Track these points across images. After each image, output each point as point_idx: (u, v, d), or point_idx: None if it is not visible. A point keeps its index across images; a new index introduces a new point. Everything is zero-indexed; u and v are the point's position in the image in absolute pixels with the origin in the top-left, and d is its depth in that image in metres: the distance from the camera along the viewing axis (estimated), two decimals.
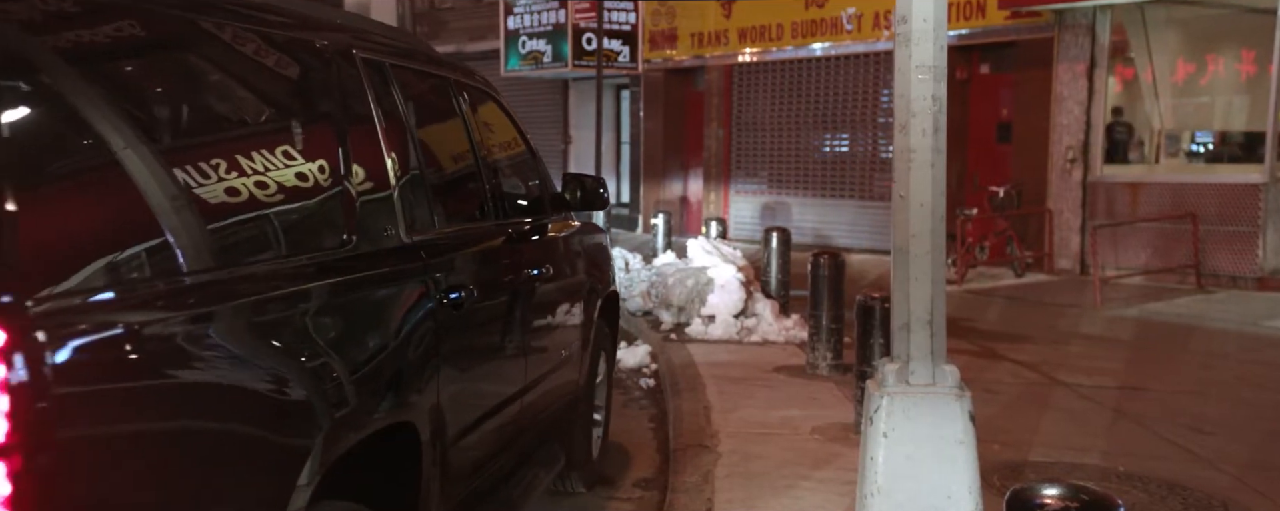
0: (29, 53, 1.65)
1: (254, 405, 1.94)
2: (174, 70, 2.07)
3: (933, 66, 3.21)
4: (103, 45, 1.87)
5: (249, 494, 1.92)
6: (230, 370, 1.89)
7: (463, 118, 3.40)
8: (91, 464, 1.49)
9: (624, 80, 17.88)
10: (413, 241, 2.68)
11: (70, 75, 1.71)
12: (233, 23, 2.25)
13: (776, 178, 15.80)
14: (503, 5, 18.28)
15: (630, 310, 8.91)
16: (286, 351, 2.04)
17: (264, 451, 1.96)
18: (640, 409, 6.18)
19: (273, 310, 2.03)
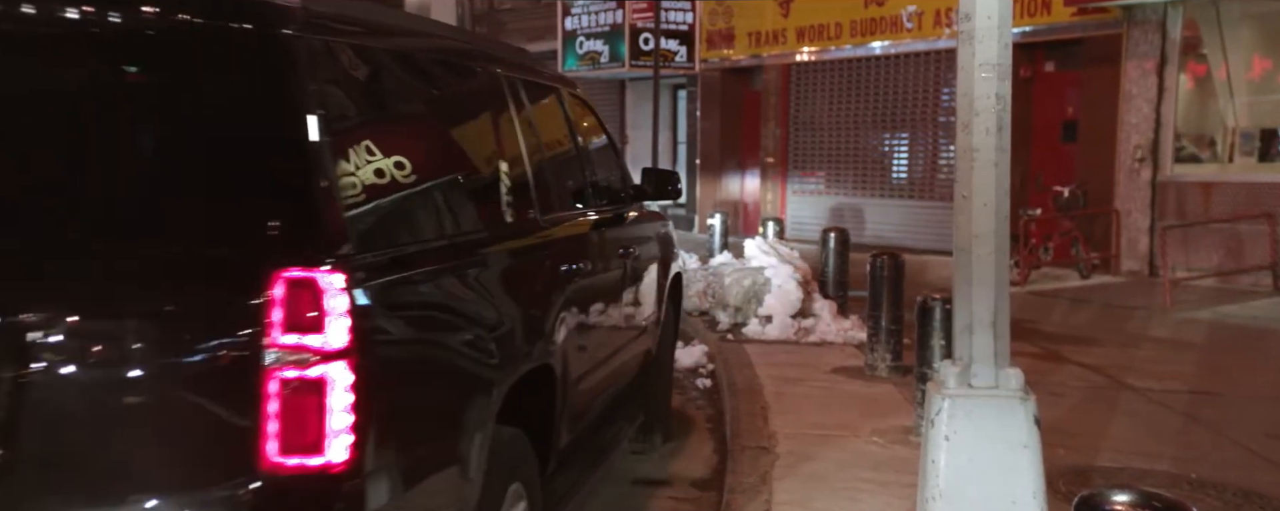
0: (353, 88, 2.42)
1: (473, 335, 2.64)
2: (431, 96, 2.94)
3: (997, 64, 3.16)
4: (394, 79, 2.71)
5: (469, 401, 2.55)
6: (458, 307, 2.60)
7: (569, 122, 4.07)
8: (389, 359, 2.18)
9: (681, 80, 17.87)
10: (544, 221, 3.35)
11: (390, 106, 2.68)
12: (479, 63, 3.27)
13: (834, 177, 15.66)
14: (561, 6, 18.39)
15: (686, 310, 8.90)
16: (487, 299, 2.74)
17: (478, 370, 2.64)
18: (697, 408, 6.17)
19: (476, 269, 2.74)
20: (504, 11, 22.46)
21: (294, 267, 2.01)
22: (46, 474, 2.00)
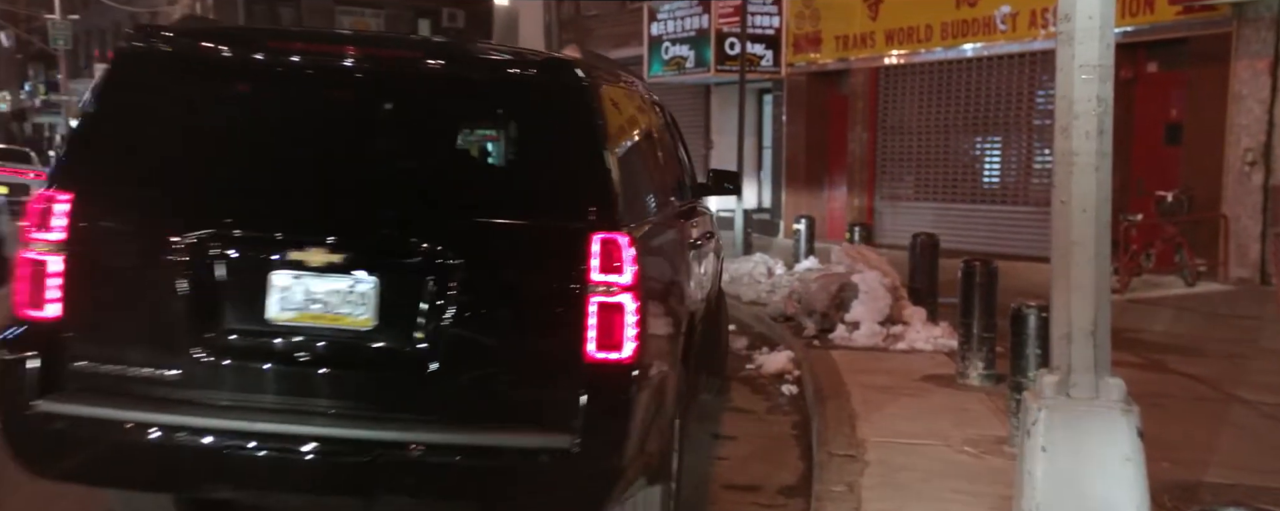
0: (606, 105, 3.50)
1: (677, 278, 3.94)
2: (637, 119, 4.14)
3: (1098, 65, 3.07)
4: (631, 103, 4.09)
5: (678, 320, 3.81)
6: (670, 260, 3.88)
7: (671, 131, 5.17)
8: (648, 291, 3.26)
9: (767, 84, 17.76)
10: (680, 205, 4.63)
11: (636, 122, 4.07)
12: (645, 92, 4.61)
13: (924, 182, 15.37)
14: (647, 11, 18.47)
15: (770, 315, 8.84)
16: (678, 255, 4.07)
17: (680, 301, 3.92)
18: (783, 415, 6.13)
19: (672, 234, 4.03)
20: (590, 18, 22.66)
21: (605, 233, 3.12)
22: (470, 357, 3.15)
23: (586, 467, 3.07)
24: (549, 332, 3.15)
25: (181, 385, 3.14)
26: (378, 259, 3.15)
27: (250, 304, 3.15)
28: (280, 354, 3.16)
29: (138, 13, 39.95)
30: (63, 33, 35.84)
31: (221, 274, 3.17)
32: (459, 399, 3.14)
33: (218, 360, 3.15)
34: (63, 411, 3.09)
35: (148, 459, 3.14)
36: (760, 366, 7.28)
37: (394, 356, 3.15)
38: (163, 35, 3.47)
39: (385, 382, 3.16)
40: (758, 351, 7.75)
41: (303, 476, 3.10)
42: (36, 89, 48.03)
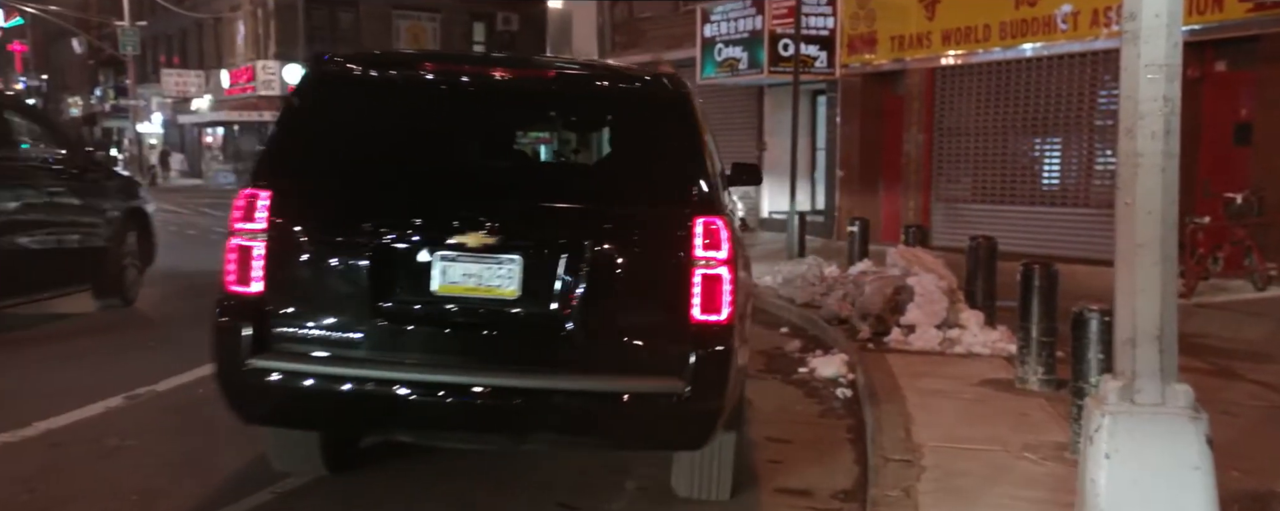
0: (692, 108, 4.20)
1: (744, 253, 4.34)
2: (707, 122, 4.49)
3: (1164, 64, 3.00)
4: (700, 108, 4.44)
5: (750, 286, 4.56)
6: (742, 239, 4.29)
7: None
8: (740, 263, 3.94)
9: (820, 86, 17.65)
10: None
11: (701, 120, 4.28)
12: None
13: (981, 184, 15.15)
14: (700, 13, 18.45)
15: (824, 318, 8.78)
16: (741, 237, 4.30)
17: (749, 282, 4.53)
18: (837, 419, 6.08)
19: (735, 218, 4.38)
20: (643, 20, 22.69)
21: (707, 217, 3.82)
22: (596, 320, 3.81)
23: (693, 409, 3.77)
24: (661, 299, 3.84)
25: (363, 345, 3.86)
26: (522, 242, 3.84)
27: (418, 279, 3.84)
28: (442, 318, 3.87)
29: (202, 18, 40.89)
30: (131, 39, 36.83)
31: (394, 255, 3.86)
32: (588, 353, 3.83)
33: (392, 324, 3.85)
34: (269, 367, 3.79)
35: (337, 406, 3.86)
36: (814, 369, 7.23)
37: (534, 319, 3.84)
38: (344, 61, 4.31)
39: (527, 341, 3.86)
40: (811, 354, 7.70)
41: (463, 418, 3.81)
42: (107, 94, 49.43)
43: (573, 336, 3.81)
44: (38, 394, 5.78)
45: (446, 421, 3.85)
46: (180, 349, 6.86)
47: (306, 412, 3.95)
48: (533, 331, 3.85)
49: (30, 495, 4.12)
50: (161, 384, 6.00)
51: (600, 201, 3.96)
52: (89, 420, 5.23)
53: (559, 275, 3.82)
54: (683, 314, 3.76)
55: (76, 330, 7.94)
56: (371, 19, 36.92)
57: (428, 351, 3.85)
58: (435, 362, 3.81)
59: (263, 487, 4.29)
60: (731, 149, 20.26)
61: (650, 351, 3.83)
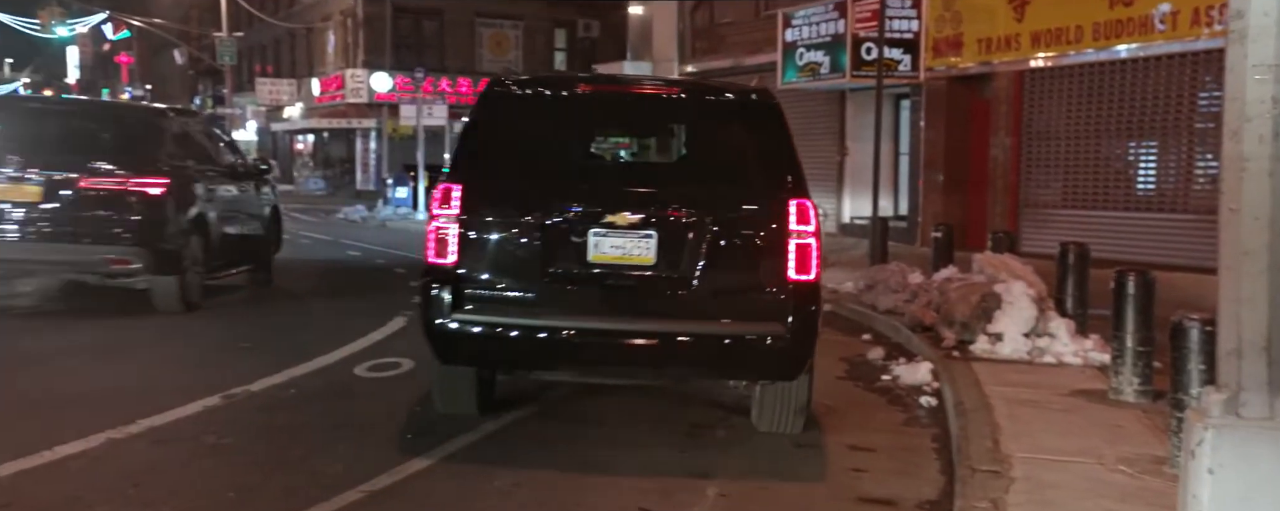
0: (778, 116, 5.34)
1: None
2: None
3: (1274, 65, 2.89)
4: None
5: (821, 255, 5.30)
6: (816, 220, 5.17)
7: None
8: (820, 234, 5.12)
9: (904, 89, 17.38)
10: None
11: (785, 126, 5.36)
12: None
13: (1072, 189, 14.73)
14: (781, 18, 18.34)
15: (908, 325, 8.64)
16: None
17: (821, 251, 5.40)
18: (921, 427, 5.98)
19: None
20: (724, 25, 22.66)
21: (799, 199, 4.95)
22: (716, 280, 4.95)
23: (790, 347, 4.95)
24: (765, 263, 4.98)
25: (535, 302, 5.02)
26: (657, 220, 5.00)
27: (577, 251, 5.00)
28: (597, 280, 5.03)
29: (295, 29, 42.17)
30: (229, 49, 38.16)
31: (558, 233, 5.01)
32: (709, 306, 4.99)
33: (557, 285, 5.02)
34: (463, 320, 4.95)
35: (515, 349, 5.03)
36: (897, 377, 7.12)
37: (667, 280, 5.00)
38: (510, 83, 5.56)
39: (662, 296, 5.04)
40: (894, 362, 7.58)
41: (615, 356, 5.05)
42: (206, 102, 51.33)
43: (697, 292, 4.99)
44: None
45: (601, 359, 5.09)
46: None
47: (491, 355, 5.18)
48: (666, 289, 5.02)
49: (135, 489, 4.29)
50: (256, 384, 6.19)
51: (717, 188, 5.15)
52: (189, 418, 5.43)
53: (686, 246, 4.98)
54: (781, 274, 4.94)
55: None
56: (455, 27, 37.59)
57: (585, 306, 5.01)
58: (591, 314, 4.97)
59: (352, 487, 4.40)
60: (812, 154, 20.07)
61: (757, 303, 4.99)
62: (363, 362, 6.97)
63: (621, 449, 5.21)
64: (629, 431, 5.58)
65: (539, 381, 6.22)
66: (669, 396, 6.43)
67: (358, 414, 5.73)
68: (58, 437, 4.82)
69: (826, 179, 19.51)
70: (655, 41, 25.00)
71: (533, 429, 5.55)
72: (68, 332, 8.02)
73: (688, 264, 4.99)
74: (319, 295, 10.64)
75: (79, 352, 7.27)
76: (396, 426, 5.50)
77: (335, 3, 38.32)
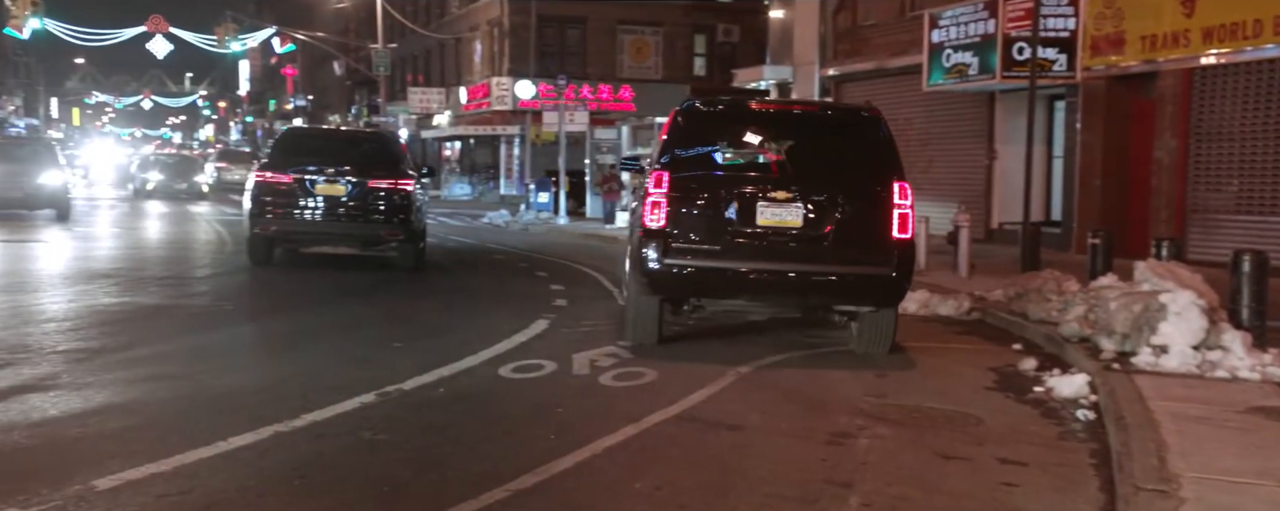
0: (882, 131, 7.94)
1: None
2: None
3: None
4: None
5: None
6: None
7: None
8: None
9: (1059, 90, 16.63)
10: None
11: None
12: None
13: (1248, 193, 13.77)
14: (928, 19, 17.86)
15: (1063, 335, 8.25)
16: None
17: None
18: (1078, 442, 5.69)
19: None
20: (867, 28, 22.22)
21: (900, 182, 7.48)
22: (844, 237, 7.45)
23: (895, 283, 7.46)
24: (878, 226, 7.41)
25: (720, 252, 7.46)
26: (804, 196, 7.44)
27: (750, 216, 7.45)
28: (763, 236, 7.46)
29: (445, 39, 43.70)
30: (383, 60, 39.89)
31: (738, 204, 7.47)
32: (840, 253, 7.43)
33: (736, 240, 7.47)
34: (670, 264, 7.44)
35: (707, 283, 7.54)
36: (1051, 389, 6.81)
37: (810, 237, 7.44)
38: (697, 102, 8.12)
39: (806, 249, 7.46)
40: (1047, 373, 7.26)
41: (775, 288, 7.59)
42: (362, 111, 53.78)
43: (831, 245, 7.47)
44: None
45: (764, 290, 7.64)
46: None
47: (688, 287, 7.69)
48: (808, 244, 7.49)
49: (300, 481, 4.51)
50: (408, 383, 6.43)
51: (842, 174, 7.71)
52: (347, 414, 5.67)
53: (824, 211, 7.48)
54: (887, 233, 7.46)
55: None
56: (597, 34, 38.18)
57: (754, 254, 7.51)
58: (758, 259, 7.49)
59: (498, 485, 4.49)
60: (958, 158, 19.47)
61: (872, 252, 7.44)
62: (507, 364, 7.14)
63: (762, 454, 5.17)
64: (769, 437, 5.53)
65: (682, 387, 6.26)
66: (809, 402, 6.34)
67: (503, 414, 5.87)
68: (232, 429, 5.12)
69: (973, 183, 18.84)
70: (796, 45, 24.72)
71: (673, 432, 5.57)
72: (253, 323, 8.54)
73: (824, 225, 7.48)
74: (465, 297, 10.97)
75: (255, 347, 7.72)
76: (540, 427, 5.60)
77: (483, 13, 39.53)
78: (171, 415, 5.57)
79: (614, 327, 8.95)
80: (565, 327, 8.85)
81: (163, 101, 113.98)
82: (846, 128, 8.10)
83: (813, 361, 7.83)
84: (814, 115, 8.70)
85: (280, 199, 12.03)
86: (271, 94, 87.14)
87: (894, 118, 21.07)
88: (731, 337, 8.71)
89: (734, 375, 7.02)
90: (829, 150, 7.91)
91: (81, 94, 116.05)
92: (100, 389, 6.03)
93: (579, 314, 9.71)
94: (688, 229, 7.43)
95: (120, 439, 5.00)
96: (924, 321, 10.19)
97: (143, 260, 13.95)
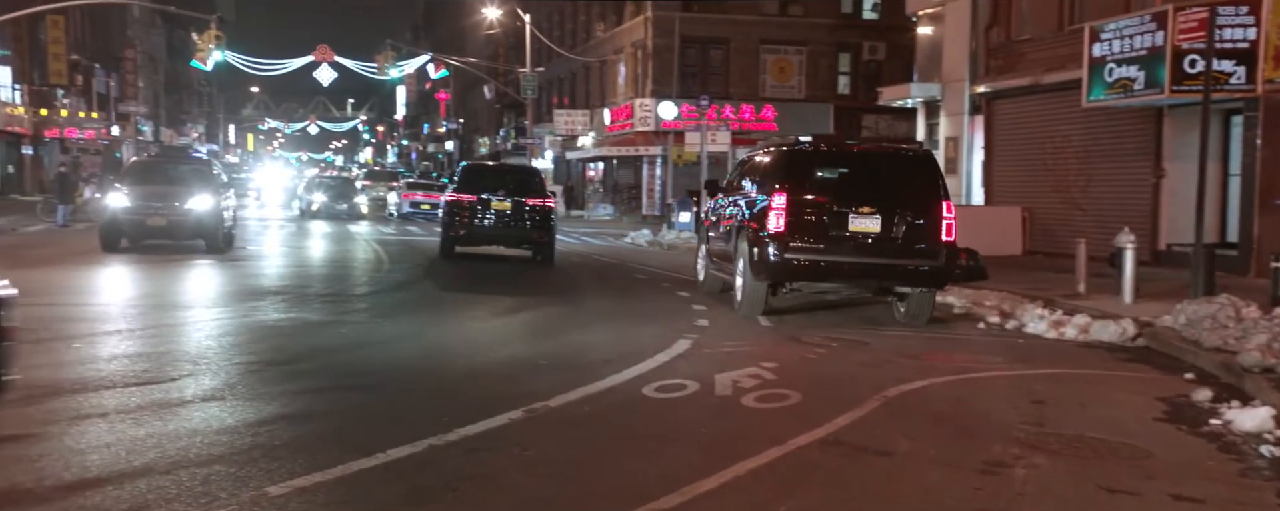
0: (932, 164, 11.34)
1: None
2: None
3: None
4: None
5: None
6: None
7: None
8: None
9: (1236, 104, 15.61)
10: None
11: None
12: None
13: None
14: (1088, 32, 17.09)
15: (1242, 365, 7.70)
16: None
17: None
18: (1264, 480, 5.28)
19: None
20: (1021, 42, 21.46)
21: (947, 202, 10.68)
22: (907, 238, 10.59)
23: (943, 270, 10.60)
24: (932, 231, 10.46)
25: (823, 249, 10.47)
26: (880, 209, 10.46)
27: (844, 223, 10.48)
28: (851, 239, 10.48)
29: (590, 62, 44.63)
30: (531, 84, 41.03)
31: (834, 215, 10.49)
32: (904, 250, 10.46)
33: (834, 241, 10.47)
34: (786, 257, 10.45)
35: (813, 271, 10.55)
36: (1229, 422, 6.36)
37: (884, 238, 10.44)
38: (799, 142, 11.18)
39: (883, 247, 10.47)
40: (1225, 405, 6.79)
41: (861, 274, 10.62)
42: (509, 134, 55.45)
43: (900, 245, 10.40)
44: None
45: (853, 275, 10.53)
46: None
47: (800, 274, 10.54)
48: (885, 243, 10.37)
49: (453, 493, 4.65)
50: (554, 400, 6.54)
51: (905, 194, 10.56)
52: (498, 429, 5.81)
53: (894, 221, 10.38)
54: (939, 237, 10.40)
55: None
56: (740, 55, 38.21)
57: (847, 250, 10.40)
58: (850, 254, 10.41)
59: (641, 504, 4.50)
60: (1120, 177, 18.50)
61: (926, 250, 10.42)
62: (650, 383, 7.18)
63: (911, 481, 5.02)
64: (918, 463, 5.36)
65: (827, 410, 6.17)
66: (961, 428, 6.12)
67: (647, 433, 5.89)
68: (390, 441, 5.33)
69: (1137, 203, 17.88)
70: (945, 63, 24.09)
71: (818, 456, 5.48)
72: (407, 340, 8.92)
73: (895, 230, 10.46)
74: (608, 317, 11.12)
75: (410, 363, 8.04)
76: (684, 447, 5.60)
77: (627, 35, 40.17)
78: (334, 426, 5.84)
79: (758, 348, 8.87)
80: (707, 348, 8.84)
81: (327, 126, 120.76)
82: (908, 161, 11.04)
83: (963, 386, 7.56)
84: (885, 152, 11.50)
85: (465, 212, 16.91)
86: (425, 118, 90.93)
87: (1050, 135, 20.41)
88: (875, 362, 8.51)
89: (879, 399, 6.85)
90: (896, 176, 10.87)
91: (255, 121, 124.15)
92: (270, 400, 6.38)
93: (721, 334, 9.69)
94: (799, 232, 10.44)
95: (289, 447, 5.27)
96: (1085, 347, 9.70)
97: (307, 278, 14.70)
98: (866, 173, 10.75)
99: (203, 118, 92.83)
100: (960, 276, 14.69)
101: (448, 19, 72.39)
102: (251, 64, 51.52)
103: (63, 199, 24.93)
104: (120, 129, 53.88)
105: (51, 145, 43.57)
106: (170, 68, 73.20)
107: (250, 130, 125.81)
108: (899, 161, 11.00)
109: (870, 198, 10.42)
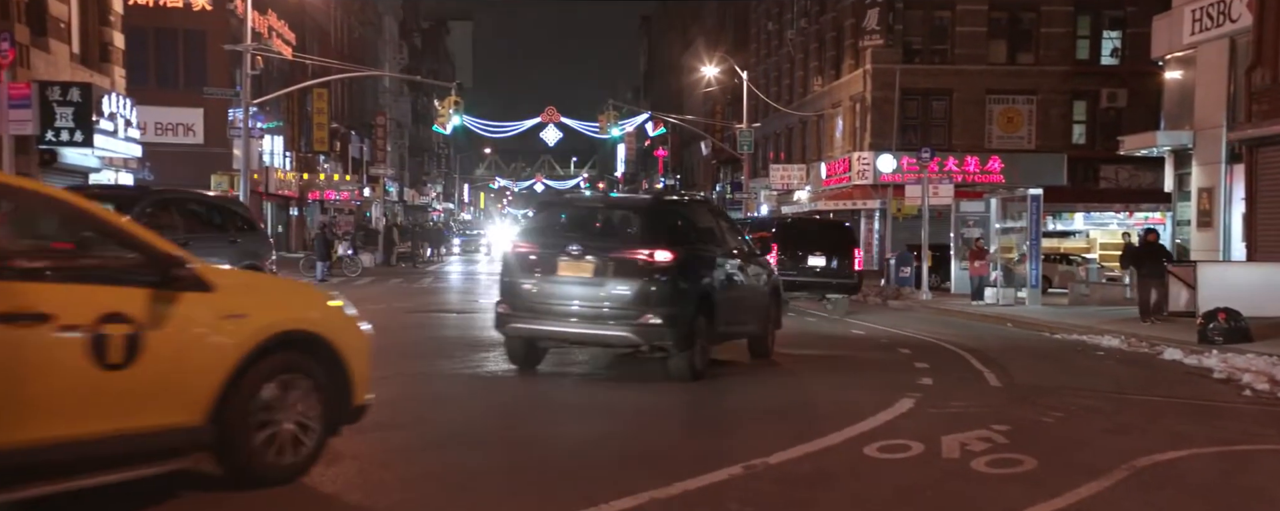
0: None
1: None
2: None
3: None
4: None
5: None
6: None
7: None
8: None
9: None
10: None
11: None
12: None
13: None
14: None
15: None
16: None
17: None
18: None
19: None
20: None
21: (856, 249, 22.06)
22: (837, 268, 21.14)
23: (856, 284, 21.41)
24: (849, 264, 21.30)
25: (794, 277, 19.39)
26: (824, 255, 20.92)
27: (806, 262, 20.82)
28: (811, 270, 20.75)
29: (806, 117, 44.52)
30: (747, 139, 41.39)
31: (803, 256, 20.85)
32: (838, 275, 21.04)
33: (800, 272, 20.39)
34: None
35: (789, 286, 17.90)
36: None
37: (827, 269, 21.05)
38: (791, 219, 27.36)
39: (826, 274, 20.95)
40: None
41: (815, 288, 21.04)
42: (725, 189, 56.07)
43: (835, 272, 20.87)
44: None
45: (809, 288, 20.74)
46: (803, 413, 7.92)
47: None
48: (826, 272, 20.93)
49: None
50: (773, 457, 6.43)
51: (836, 244, 21.44)
52: (717, 485, 5.71)
53: (830, 260, 20.93)
54: (852, 266, 21.08)
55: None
56: (964, 105, 36.96)
57: (807, 276, 20.65)
58: (807, 277, 20.68)
59: None
60: None
61: (846, 273, 20.93)
62: (872, 442, 6.92)
63: None
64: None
65: (1066, 479, 5.70)
66: (1222, 505, 5.49)
67: (870, 495, 5.67)
68: (612, 491, 5.38)
69: None
70: (1197, 108, 22.33)
71: None
72: (629, 389, 9.09)
73: (832, 264, 20.45)
74: (826, 373, 10.87)
75: (633, 413, 8.17)
76: None
77: (845, 89, 39.80)
78: (559, 472, 5.99)
79: (987, 410, 8.40)
80: (932, 407, 8.45)
81: (551, 184, 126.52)
82: (832, 225, 22.19)
83: (1226, 459, 6.82)
84: (826, 220, 20.82)
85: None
86: (644, 174, 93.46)
87: None
88: (1119, 428, 7.85)
89: (1127, 469, 6.28)
90: (826, 234, 21.34)
91: (487, 180, 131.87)
92: (492, 447, 6.65)
93: (947, 394, 9.24)
94: (780, 264, 15.36)
95: (513, 492, 5.45)
96: None
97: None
98: (813, 231, 21.83)
99: (440, 177, 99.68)
100: (1218, 340, 13.37)
101: (667, 78, 74.46)
102: (485, 126, 54.95)
103: (321, 255, 27.82)
104: (371, 190, 58.62)
105: (312, 206, 47.93)
106: (414, 132, 79.27)
107: (482, 189, 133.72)
108: (829, 226, 21.19)
109: (818, 250, 20.54)
